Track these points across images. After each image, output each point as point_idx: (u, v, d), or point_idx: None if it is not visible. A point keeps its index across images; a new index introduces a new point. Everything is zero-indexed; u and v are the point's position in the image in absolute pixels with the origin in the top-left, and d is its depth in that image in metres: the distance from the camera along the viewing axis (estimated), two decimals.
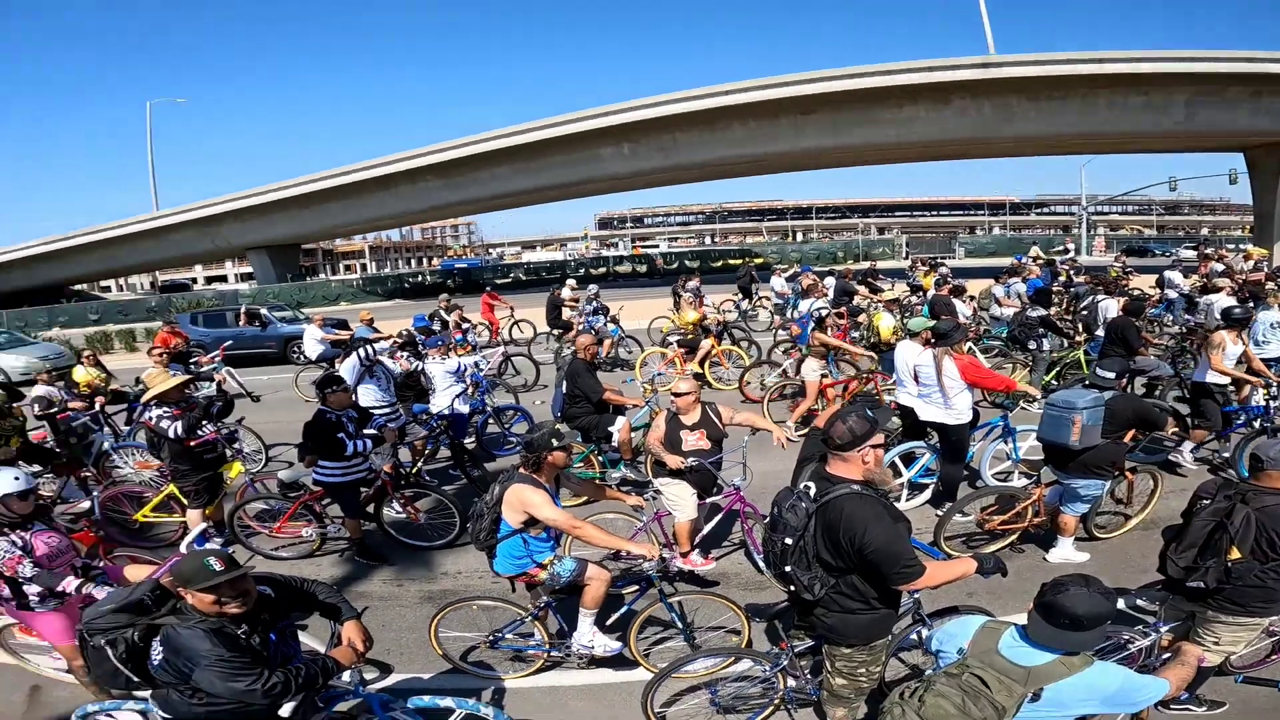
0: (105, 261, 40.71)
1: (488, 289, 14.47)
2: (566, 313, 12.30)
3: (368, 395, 6.63)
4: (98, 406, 7.73)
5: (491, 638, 3.77)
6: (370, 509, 5.53)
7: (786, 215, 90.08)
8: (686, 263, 36.91)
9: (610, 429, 6.00)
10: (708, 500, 4.70)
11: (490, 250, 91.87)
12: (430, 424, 6.79)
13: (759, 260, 34.88)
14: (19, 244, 40.10)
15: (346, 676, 2.72)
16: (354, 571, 5.37)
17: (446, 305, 12.22)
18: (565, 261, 39.79)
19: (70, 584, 3.48)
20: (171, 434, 5.30)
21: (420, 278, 36.17)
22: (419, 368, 7.20)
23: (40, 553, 3.51)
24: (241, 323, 15.83)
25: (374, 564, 5.40)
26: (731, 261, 37.47)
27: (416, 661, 4.08)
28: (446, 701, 2.92)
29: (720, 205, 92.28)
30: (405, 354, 7.51)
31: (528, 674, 3.91)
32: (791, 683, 3.11)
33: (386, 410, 6.64)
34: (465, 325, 11.52)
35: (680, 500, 4.55)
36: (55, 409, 7.19)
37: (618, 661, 3.77)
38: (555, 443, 3.57)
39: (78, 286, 46.78)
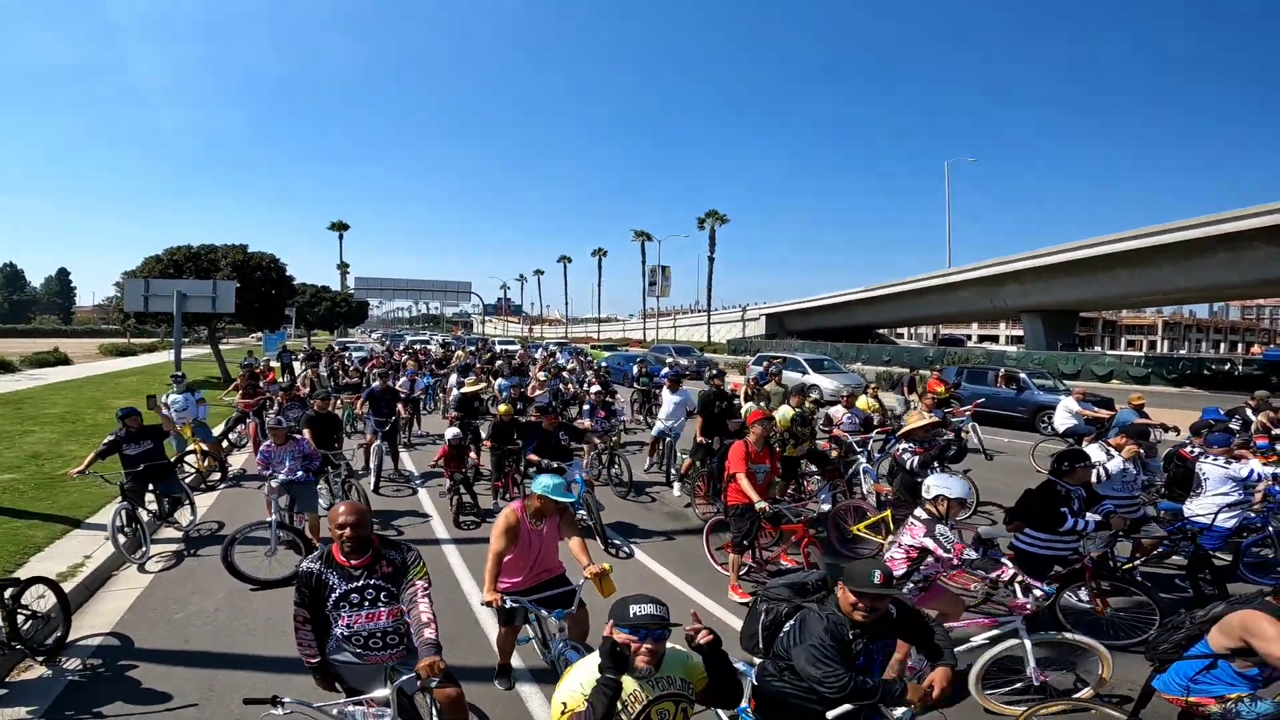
0: (901, 311, 48.59)
1: None
2: None
3: (1106, 486, 5.97)
4: (872, 433, 9.39)
5: None
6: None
7: None
8: None
9: None
10: None
11: None
12: (1173, 526, 5.94)
13: None
14: (841, 290, 51.42)
15: (900, 711, 2.80)
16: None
17: (1257, 403, 9.57)
18: None
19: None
20: (907, 466, 6.09)
21: (1229, 365, 28.66)
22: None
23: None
24: (999, 384, 16.37)
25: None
26: None
27: None
28: None
29: None
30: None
31: None
32: None
33: (1123, 502, 5.93)
34: (1277, 431, 8.71)
35: None
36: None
37: None
38: None
39: (880, 330, 57.67)
